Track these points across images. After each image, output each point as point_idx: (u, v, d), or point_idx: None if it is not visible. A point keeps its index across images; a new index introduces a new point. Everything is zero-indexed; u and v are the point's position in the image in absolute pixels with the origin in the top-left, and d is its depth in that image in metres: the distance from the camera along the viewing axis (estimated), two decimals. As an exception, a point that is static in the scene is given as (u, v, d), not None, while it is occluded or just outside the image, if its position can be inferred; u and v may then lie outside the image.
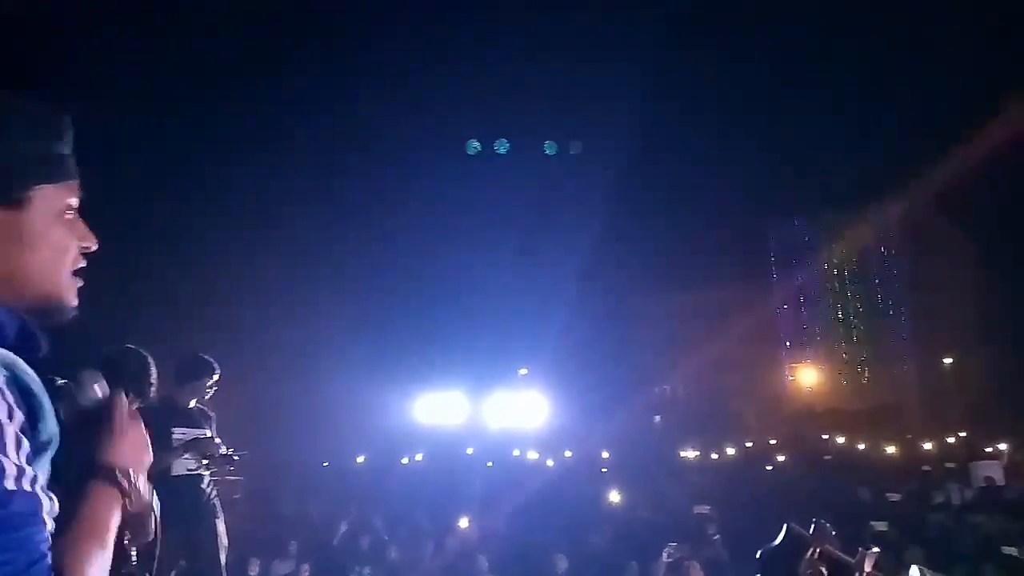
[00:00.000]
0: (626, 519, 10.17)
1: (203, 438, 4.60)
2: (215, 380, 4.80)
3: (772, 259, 53.44)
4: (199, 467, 4.55)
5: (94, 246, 1.13)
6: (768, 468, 19.12)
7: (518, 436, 23.80)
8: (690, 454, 23.61)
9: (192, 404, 4.77)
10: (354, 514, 10.19)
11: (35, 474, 0.91)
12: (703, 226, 59.92)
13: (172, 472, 4.39)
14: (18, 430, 0.90)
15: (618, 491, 11.59)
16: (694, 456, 23.44)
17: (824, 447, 24.97)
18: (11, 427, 0.89)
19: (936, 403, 43.37)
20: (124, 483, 1.11)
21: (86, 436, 1.13)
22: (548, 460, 21.81)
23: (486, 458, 21.29)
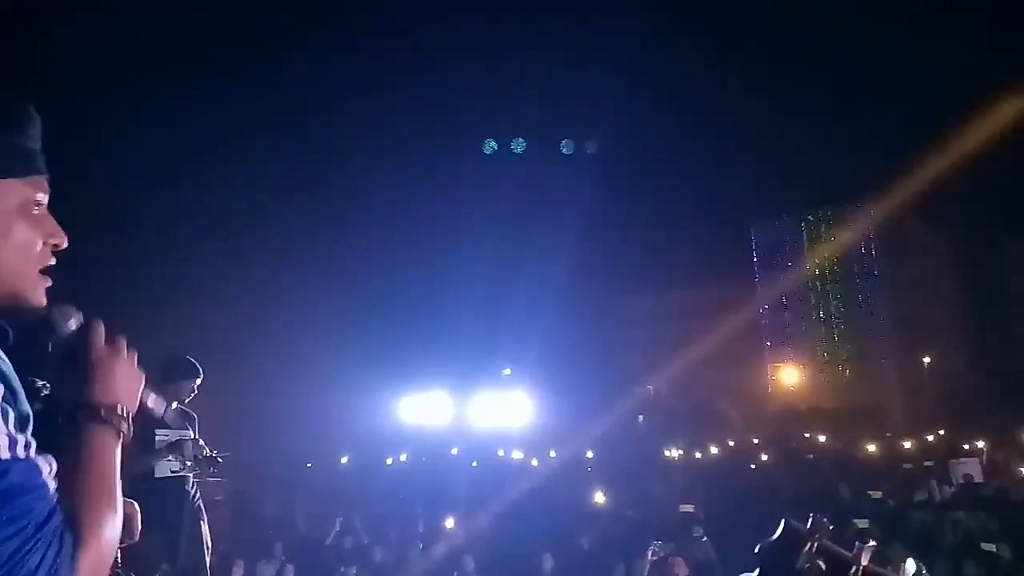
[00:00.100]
0: (612, 518, 10.19)
1: (186, 440, 4.56)
2: (198, 383, 4.76)
3: (754, 260, 53.86)
4: (183, 469, 4.51)
5: (64, 243, 1.09)
6: (752, 467, 19.24)
7: (503, 436, 23.80)
8: (674, 453, 23.70)
9: (174, 406, 4.72)
10: (342, 515, 10.15)
11: (27, 440, 0.90)
12: (686, 227, 60.26)
13: (155, 474, 4.35)
14: (1, 400, 0.90)
15: (603, 491, 11.62)
16: (678, 455, 23.53)
17: (806, 446, 25.17)
18: None
19: (915, 401, 43.90)
20: (117, 419, 1.08)
21: (72, 376, 1.09)
22: (533, 460, 21.82)
23: (470, 458, 21.27)
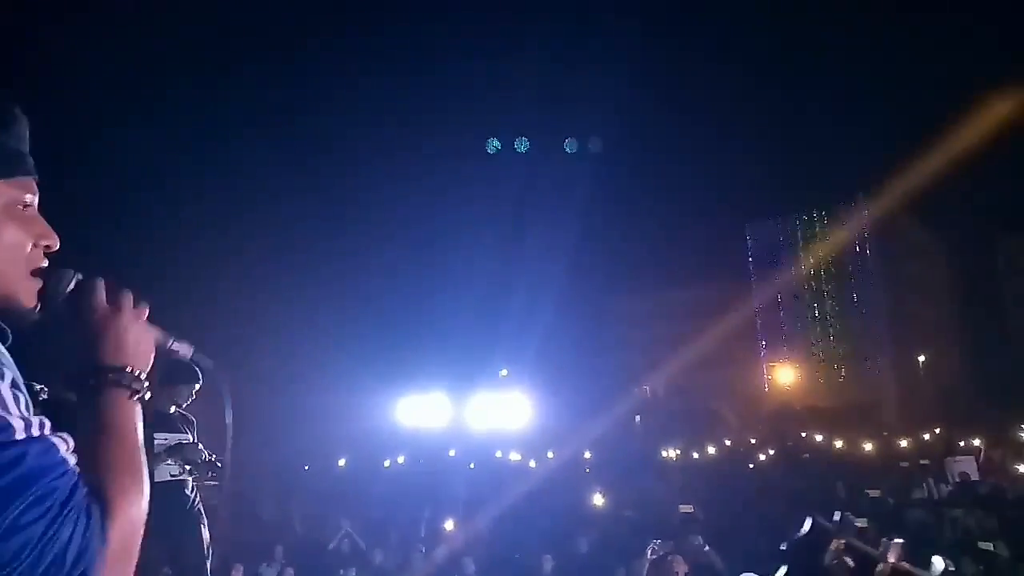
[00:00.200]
0: (611, 520, 10.19)
1: (186, 443, 4.54)
2: (197, 387, 4.73)
3: (750, 259, 53.95)
4: (182, 473, 4.49)
5: (56, 245, 1.08)
6: (750, 466, 19.26)
7: (501, 438, 23.77)
8: (672, 454, 23.70)
9: (173, 410, 4.70)
10: (344, 518, 10.12)
11: (42, 420, 0.90)
12: (682, 227, 60.37)
13: (155, 478, 4.32)
14: (11, 386, 0.90)
15: (602, 492, 11.61)
16: (676, 455, 23.53)
17: (803, 445, 25.21)
18: (4, 385, 0.89)
19: (911, 400, 44.02)
20: (129, 380, 1.07)
21: (77, 342, 1.08)
22: (531, 461, 21.80)
23: (468, 460, 21.24)
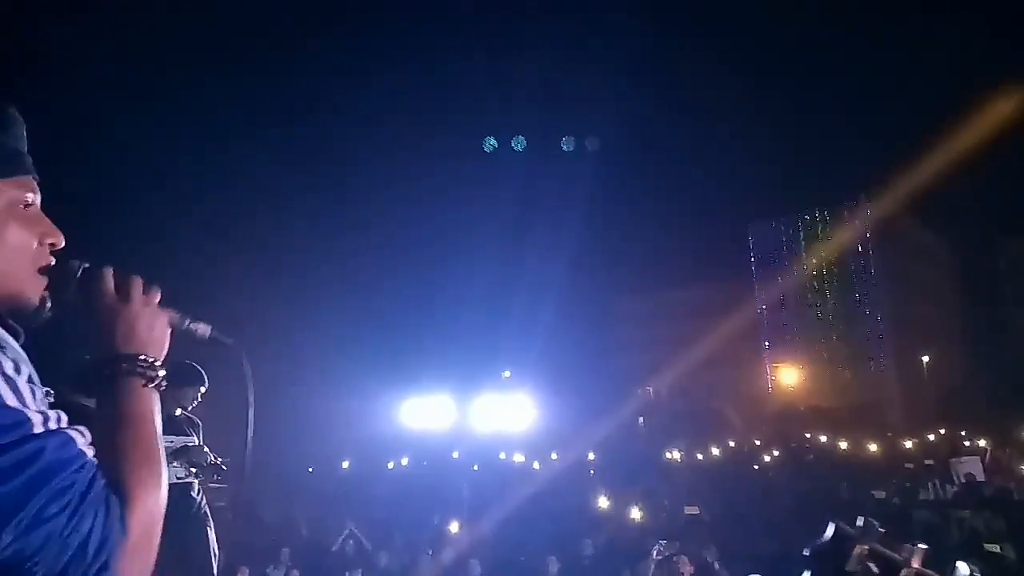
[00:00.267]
0: (616, 522, 10.17)
1: (191, 446, 4.53)
2: (203, 390, 4.73)
3: (753, 260, 53.91)
4: (188, 475, 4.48)
5: (61, 242, 1.08)
6: (754, 468, 19.22)
7: (504, 439, 23.74)
8: (676, 455, 23.65)
9: (179, 412, 4.70)
10: (350, 521, 10.12)
11: (58, 414, 0.91)
12: (685, 227, 60.34)
13: (161, 481, 4.31)
14: (27, 381, 0.91)
15: (607, 494, 11.60)
16: (679, 457, 23.48)
17: (807, 446, 25.16)
18: (22, 380, 0.90)
19: (915, 400, 43.92)
20: (143, 367, 1.07)
21: (88, 333, 1.08)
22: (535, 463, 21.77)
23: (472, 462, 21.21)
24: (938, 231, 53.94)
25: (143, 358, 1.08)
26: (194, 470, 4.44)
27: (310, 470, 20.76)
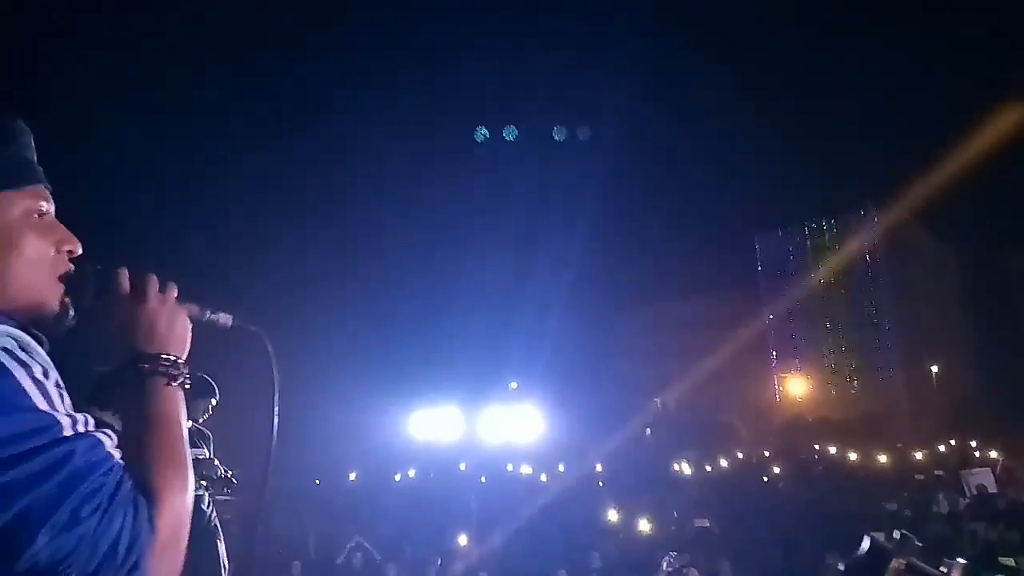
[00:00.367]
0: (626, 534, 10.11)
1: (202, 459, 4.52)
2: (214, 402, 4.72)
3: (760, 270, 53.78)
4: (198, 488, 4.47)
5: (78, 249, 1.08)
6: (764, 479, 19.08)
7: (512, 451, 23.64)
8: (684, 467, 23.49)
9: (189, 424, 4.68)
10: (354, 533, 10.09)
11: (85, 418, 0.91)
12: (692, 238, 60.28)
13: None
14: (55, 385, 0.91)
15: (616, 507, 11.52)
16: (688, 468, 23.33)
17: (816, 457, 24.99)
18: (50, 383, 0.90)
19: (924, 411, 43.61)
20: (164, 367, 1.06)
21: (116, 333, 1.08)
22: (542, 475, 21.67)
23: (479, 473, 21.12)
24: (946, 241, 53.76)
25: (165, 357, 1.07)
26: (204, 483, 4.44)
27: (317, 482, 20.71)
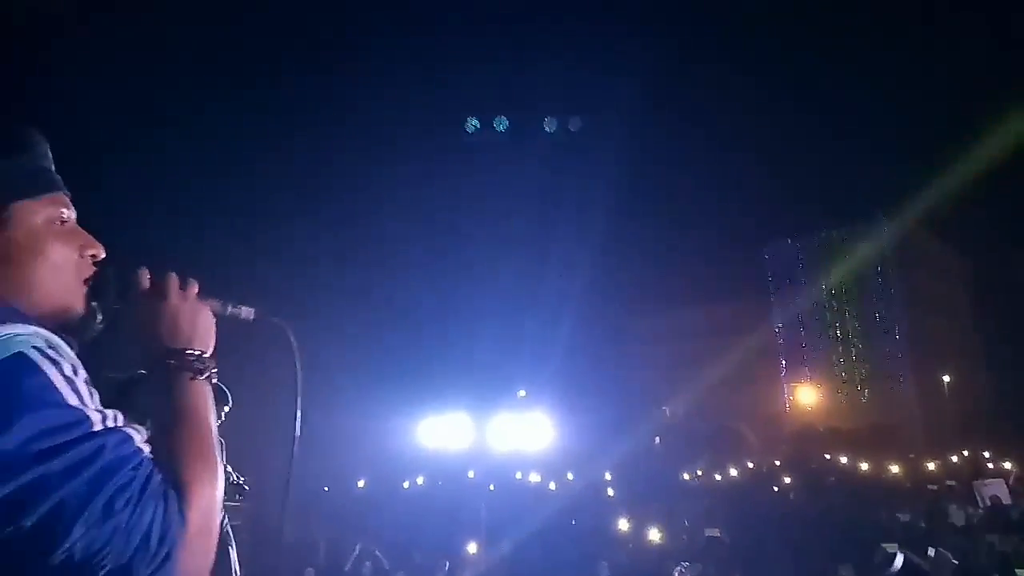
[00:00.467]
0: (635, 543, 10.06)
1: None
2: (227, 409, 4.73)
3: (770, 279, 53.54)
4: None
5: (101, 253, 1.11)
6: (774, 489, 18.96)
7: (521, 459, 23.57)
8: (694, 476, 23.39)
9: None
10: (361, 540, 10.07)
11: (115, 414, 0.93)
12: (702, 246, 60.22)
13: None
14: (85, 382, 0.93)
15: (626, 516, 11.46)
16: (698, 477, 23.23)
17: (826, 467, 24.81)
18: (80, 380, 0.92)
19: (936, 421, 43.24)
20: (189, 362, 1.08)
21: (140, 331, 1.10)
22: (551, 483, 21.61)
23: (488, 481, 21.07)
24: (957, 249, 53.42)
25: (190, 352, 1.09)
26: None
27: (326, 489, 20.71)
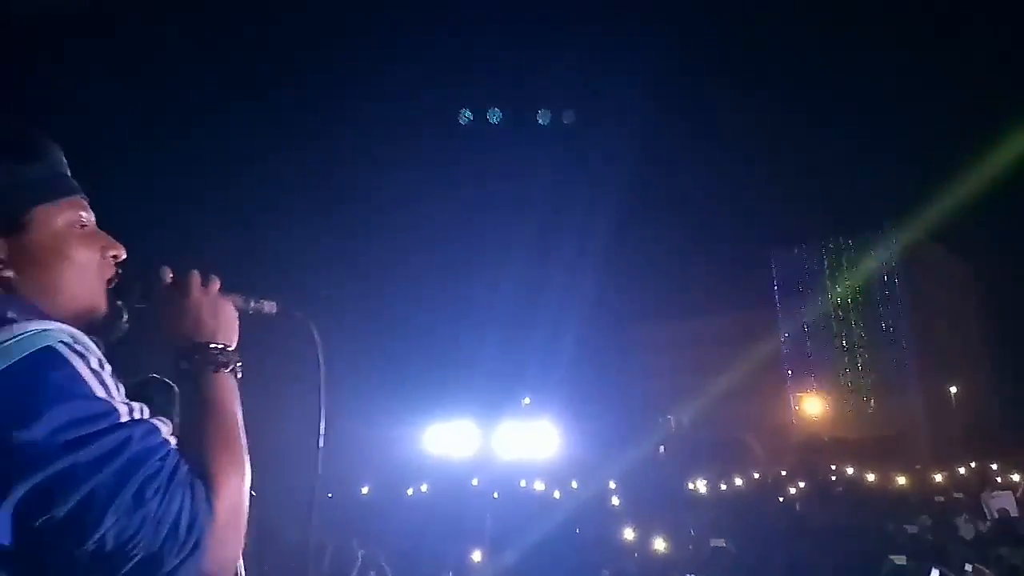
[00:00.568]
0: (640, 553, 10.01)
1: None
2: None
3: (777, 288, 53.40)
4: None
5: (123, 254, 1.13)
6: (780, 499, 18.86)
7: (526, 467, 23.53)
8: (699, 486, 23.26)
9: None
10: (364, 547, 10.03)
11: (141, 406, 0.96)
12: (708, 254, 60.14)
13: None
14: (111, 375, 0.96)
15: (630, 525, 11.43)
16: (704, 488, 23.10)
17: (833, 477, 24.67)
18: (106, 374, 0.95)
19: (943, 432, 43.00)
20: (213, 356, 1.10)
21: (164, 327, 1.13)
22: (555, 492, 21.53)
23: (492, 489, 21.04)
24: (964, 259, 53.23)
25: (214, 346, 1.11)
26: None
27: (329, 495, 20.68)
